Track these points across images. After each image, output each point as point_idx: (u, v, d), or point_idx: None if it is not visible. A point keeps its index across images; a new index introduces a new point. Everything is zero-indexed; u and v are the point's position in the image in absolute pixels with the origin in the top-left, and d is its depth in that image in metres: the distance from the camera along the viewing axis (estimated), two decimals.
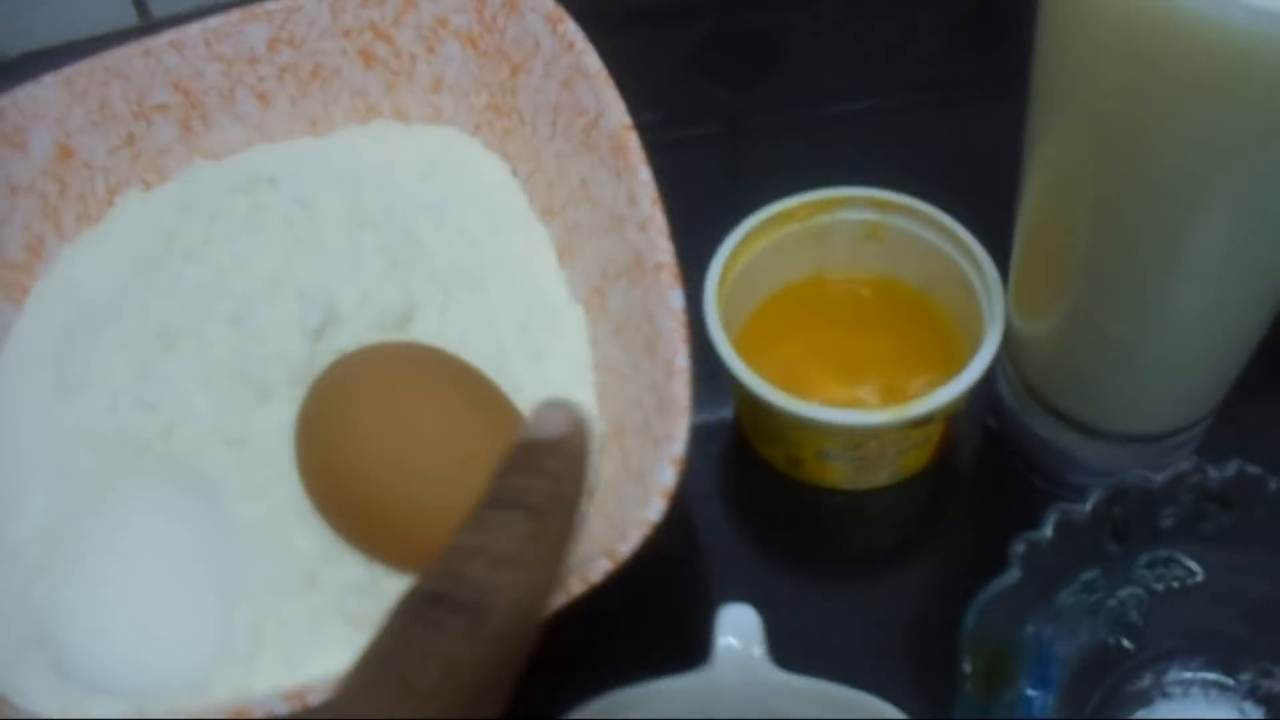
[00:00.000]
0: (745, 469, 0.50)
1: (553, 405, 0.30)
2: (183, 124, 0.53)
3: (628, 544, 0.35)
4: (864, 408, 0.45)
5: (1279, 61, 0.30)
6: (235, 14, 0.52)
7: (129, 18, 0.69)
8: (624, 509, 0.38)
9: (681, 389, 0.38)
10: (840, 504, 0.48)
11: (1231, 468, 0.40)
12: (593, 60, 0.46)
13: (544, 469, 0.29)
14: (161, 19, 0.69)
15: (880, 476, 0.47)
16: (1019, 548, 0.39)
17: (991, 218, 0.45)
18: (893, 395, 0.47)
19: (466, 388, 0.41)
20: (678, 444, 0.37)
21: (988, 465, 0.49)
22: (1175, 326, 0.39)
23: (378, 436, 0.39)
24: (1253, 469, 0.40)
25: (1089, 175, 0.37)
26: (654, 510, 0.36)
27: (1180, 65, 0.31)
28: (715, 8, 0.69)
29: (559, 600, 0.31)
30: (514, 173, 0.50)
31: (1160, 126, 0.33)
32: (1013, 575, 0.38)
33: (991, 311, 0.44)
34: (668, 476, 0.36)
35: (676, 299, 0.39)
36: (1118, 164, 0.35)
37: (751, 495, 0.50)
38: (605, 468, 0.42)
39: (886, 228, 0.49)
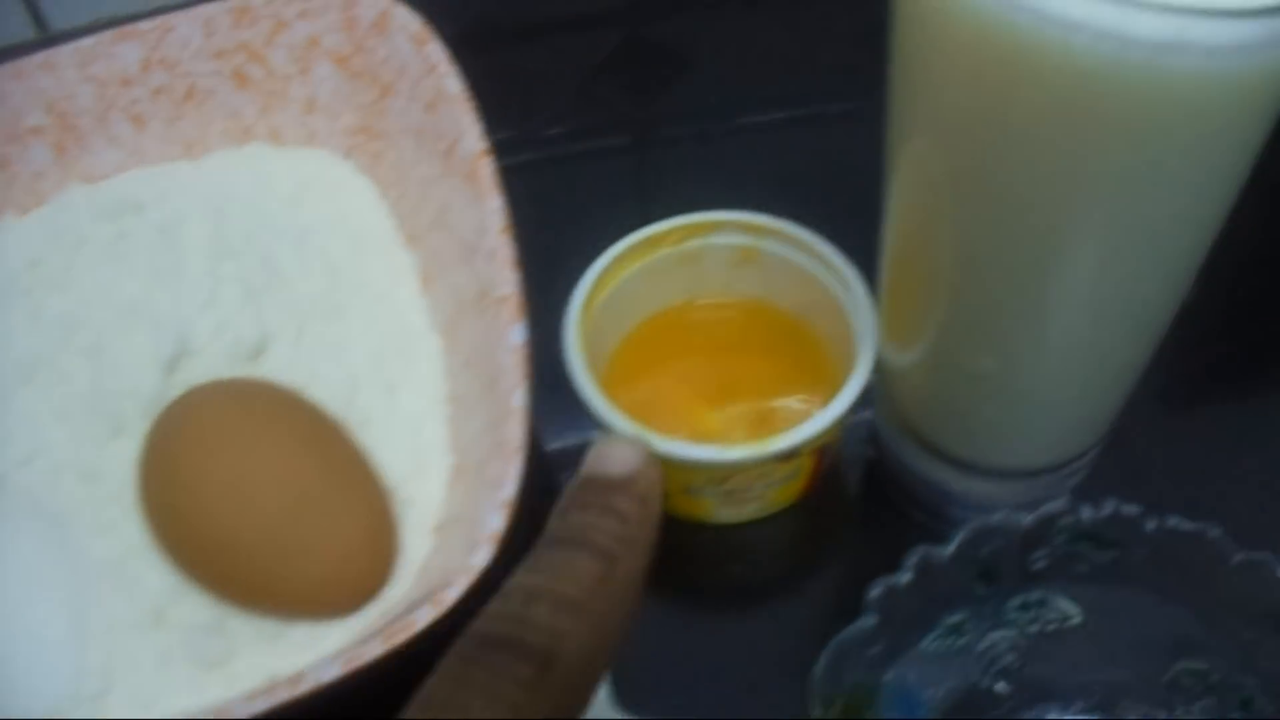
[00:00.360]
0: None
1: (619, 441, 0.29)
2: (57, 147, 0.50)
3: (453, 590, 0.33)
4: (737, 437, 0.43)
5: (1132, 88, 0.28)
6: (108, 34, 0.50)
7: (26, 32, 0.67)
8: (453, 553, 0.36)
9: (516, 430, 0.36)
10: (711, 537, 0.46)
11: (1107, 507, 0.37)
12: (454, 83, 0.44)
13: (612, 508, 0.27)
14: (58, 33, 0.67)
15: (749, 510, 0.45)
16: (875, 592, 0.36)
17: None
18: (768, 423, 0.45)
19: (304, 427, 0.40)
20: (509, 488, 0.35)
21: (866, 497, 0.47)
22: (1043, 363, 0.37)
23: (213, 478, 0.38)
24: (1129, 508, 0.37)
25: (944, 204, 0.34)
26: (481, 557, 0.34)
27: (1031, 93, 0.29)
28: (623, 18, 0.66)
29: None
30: (383, 197, 0.48)
31: (1014, 156, 0.31)
32: (867, 621, 0.36)
33: (863, 340, 0.42)
34: (497, 522, 0.35)
35: (517, 335, 0.37)
36: (972, 194, 0.33)
37: None
38: (452, 505, 0.39)
39: (761, 252, 0.47)
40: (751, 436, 0.41)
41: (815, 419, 0.40)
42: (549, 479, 0.46)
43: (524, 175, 0.46)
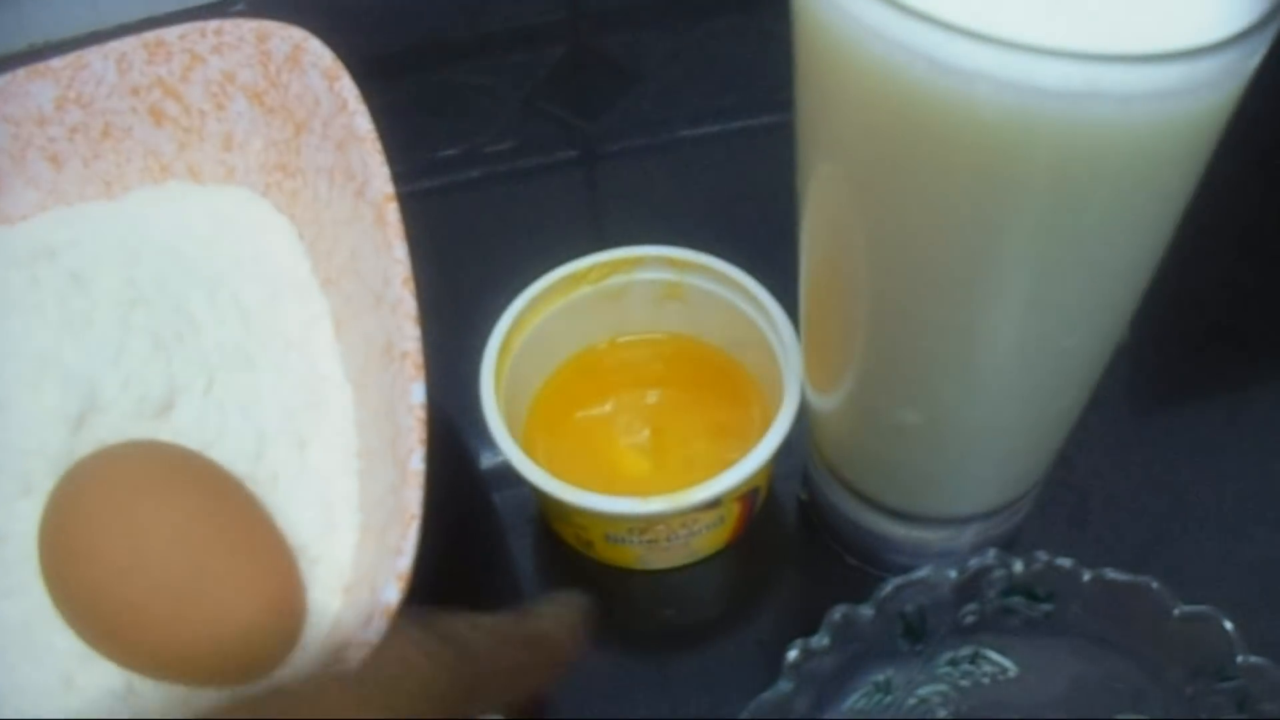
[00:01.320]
0: (546, 544, 0.45)
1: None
2: None
3: (346, 666, 0.31)
4: (664, 481, 0.39)
5: (1042, 140, 0.25)
6: (20, 73, 0.46)
7: None
8: (359, 618, 0.33)
9: (413, 496, 0.33)
10: (642, 582, 0.42)
11: (1039, 561, 0.34)
12: (363, 122, 0.41)
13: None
14: None
15: (675, 557, 0.42)
16: (791, 656, 0.33)
17: None
18: (695, 467, 0.41)
19: (207, 491, 0.37)
20: (405, 559, 0.32)
21: (800, 541, 0.43)
22: (968, 415, 0.33)
23: (110, 550, 0.35)
24: (1062, 561, 0.34)
25: (855, 252, 0.31)
26: (374, 631, 0.31)
27: (935, 147, 0.26)
28: (567, 32, 0.63)
29: None
30: (301, 236, 0.45)
31: (923, 210, 0.28)
32: (783, 687, 0.33)
33: (790, 381, 0.38)
34: (391, 594, 0.32)
35: (417, 394, 0.34)
36: (883, 244, 0.30)
37: (551, 571, 0.43)
38: (360, 566, 0.37)
39: (686, 287, 0.44)
40: (679, 481, 0.38)
41: (737, 467, 0.37)
42: (483, 498, 0.43)
43: (469, 192, 0.42)
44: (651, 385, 0.45)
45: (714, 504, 0.38)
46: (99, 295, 0.42)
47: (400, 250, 0.37)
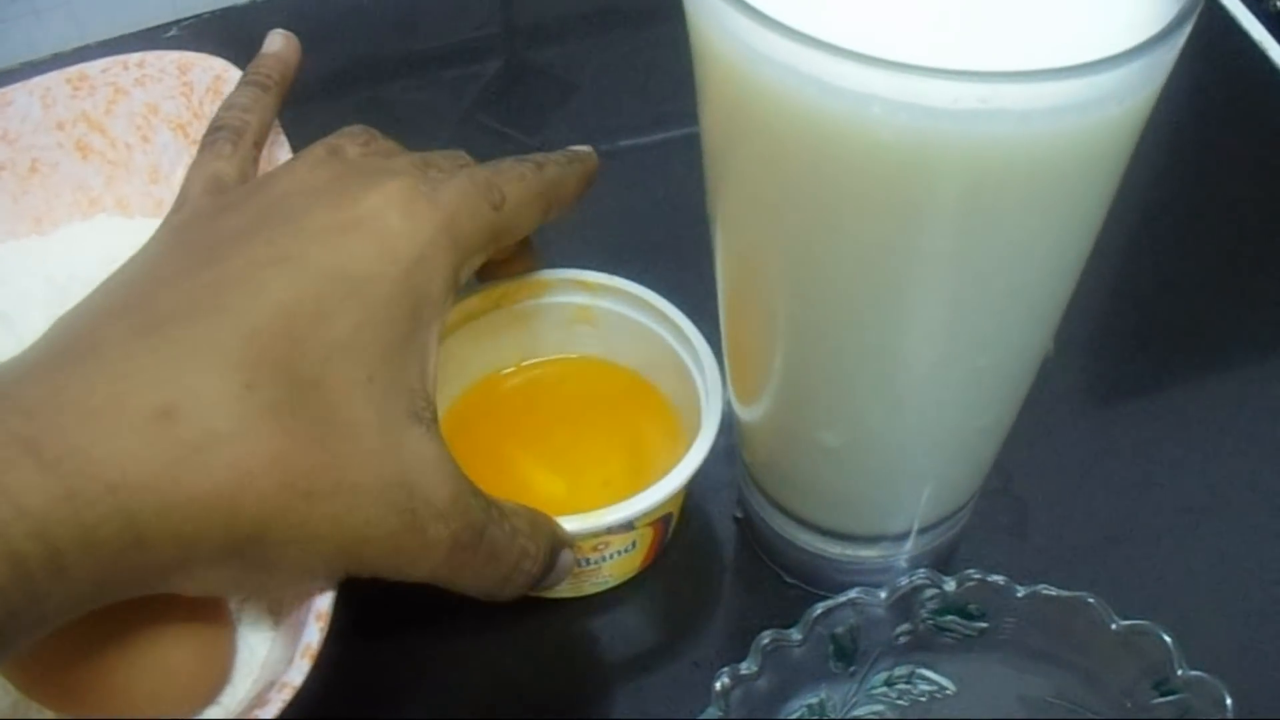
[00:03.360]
0: None
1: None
2: None
3: (269, 710, 0.30)
4: (580, 506, 0.37)
5: (939, 161, 0.24)
6: None
7: None
8: (270, 666, 0.33)
9: None
10: (575, 606, 0.40)
11: (971, 579, 0.33)
12: (284, 153, 0.40)
13: None
14: None
15: (583, 585, 0.40)
16: (720, 682, 0.32)
17: None
18: (615, 486, 0.39)
19: None
20: (325, 599, 0.31)
21: (738, 561, 0.41)
22: (890, 436, 0.32)
23: None
24: (995, 578, 0.33)
25: (765, 271, 0.30)
26: (297, 673, 0.30)
27: (833, 171, 0.25)
28: (502, 46, 0.61)
29: None
30: None
31: (827, 232, 0.27)
32: (712, 714, 0.31)
33: (710, 404, 0.37)
34: (312, 635, 0.31)
35: None
36: (790, 264, 0.29)
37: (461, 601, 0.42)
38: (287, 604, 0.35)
39: (597, 311, 0.42)
40: (595, 502, 0.36)
41: (654, 488, 0.36)
42: None
43: None
44: (564, 406, 0.43)
45: (628, 527, 0.37)
46: (25, 333, 0.41)
47: None
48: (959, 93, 0.22)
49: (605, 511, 0.35)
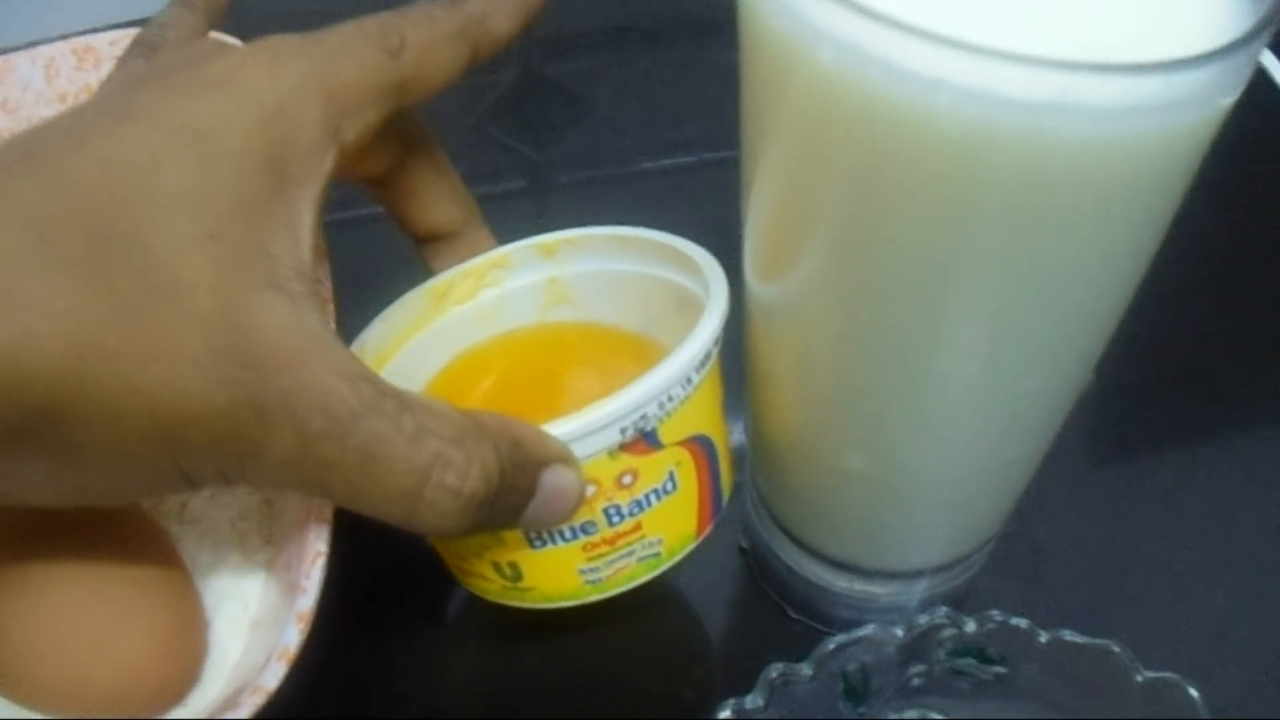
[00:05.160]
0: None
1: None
2: None
3: (239, 713, 0.28)
4: None
5: (1005, 159, 0.22)
6: None
7: None
8: (244, 669, 0.31)
9: (320, 531, 0.30)
10: (556, 639, 0.38)
11: (992, 620, 0.30)
12: None
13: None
14: None
15: (638, 556, 0.33)
16: (724, 715, 0.29)
17: None
18: None
19: (102, 516, 0.33)
20: (308, 598, 0.29)
21: (740, 592, 0.39)
22: (920, 463, 0.30)
23: None
24: (1019, 621, 0.31)
25: (801, 282, 0.28)
26: (271, 677, 0.28)
27: (888, 166, 0.23)
28: (518, 56, 0.59)
29: None
30: None
31: (872, 236, 0.25)
32: None
33: (714, 283, 0.33)
34: (291, 637, 0.29)
35: None
36: (830, 274, 0.27)
37: (468, 620, 0.40)
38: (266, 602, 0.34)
39: (568, 281, 0.37)
40: None
41: (666, 363, 0.30)
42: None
43: None
44: (554, 367, 0.38)
45: (651, 440, 0.31)
46: None
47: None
48: (1036, 82, 0.20)
49: (604, 402, 0.29)
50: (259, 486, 0.26)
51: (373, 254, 0.37)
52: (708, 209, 0.36)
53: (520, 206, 0.55)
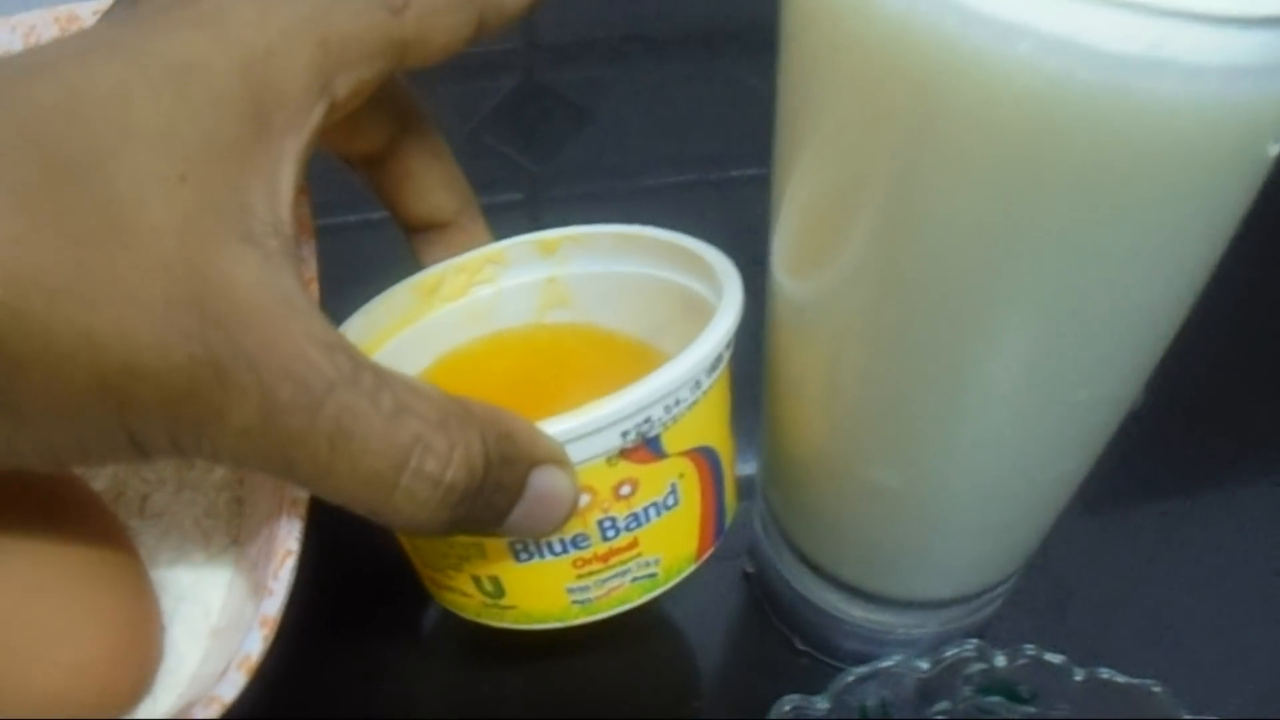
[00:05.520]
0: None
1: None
2: None
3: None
4: None
5: (1086, 119, 0.19)
6: None
7: None
8: (201, 680, 0.28)
9: (291, 528, 0.27)
10: (543, 665, 0.35)
11: (1025, 655, 0.28)
12: None
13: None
14: None
15: (632, 577, 0.30)
16: None
17: None
18: None
19: (47, 502, 0.30)
20: (274, 601, 0.26)
21: (742, 621, 0.36)
22: (956, 477, 0.27)
23: None
24: (1053, 657, 0.28)
25: (835, 267, 0.25)
26: (230, 687, 0.25)
27: (951, 123, 0.20)
28: (519, 63, 0.57)
29: None
30: None
31: (924, 210, 0.22)
32: None
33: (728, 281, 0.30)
34: (254, 644, 0.26)
35: None
36: (870, 256, 0.24)
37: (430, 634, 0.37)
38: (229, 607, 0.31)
39: (566, 281, 0.35)
40: None
41: (674, 363, 0.27)
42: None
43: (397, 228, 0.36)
44: (547, 373, 0.35)
45: (654, 448, 0.28)
46: None
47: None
48: (1129, 31, 0.18)
49: (605, 401, 0.26)
50: (216, 461, 0.23)
51: (359, 262, 0.34)
52: (714, 229, 0.34)
53: (515, 219, 0.52)
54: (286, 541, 0.26)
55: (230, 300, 0.22)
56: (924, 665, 0.28)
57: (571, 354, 0.35)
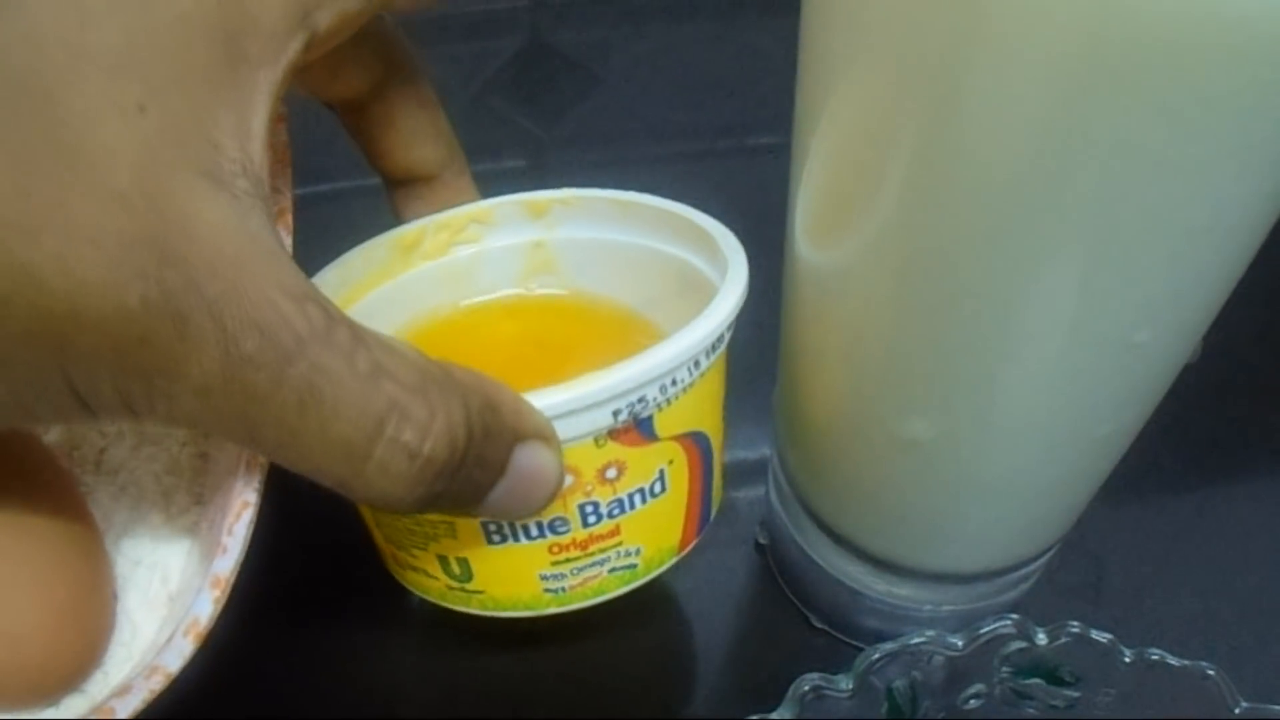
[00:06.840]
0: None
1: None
2: None
3: (131, 699, 0.22)
4: None
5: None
6: None
7: None
8: (157, 650, 0.24)
9: (251, 479, 0.24)
10: (544, 648, 0.32)
11: (1069, 633, 0.24)
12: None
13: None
14: None
15: (610, 566, 0.28)
16: None
17: None
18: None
19: None
20: (227, 559, 0.23)
21: (755, 596, 0.33)
22: (996, 430, 0.24)
23: None
24: (1100, 635, 0.24)
25: (868, 191, 0.22)
26: (175, 656, 0.22)
27: (1009, 17, 0.17)
28: (525, 23, 0.54)
29: None
30: None
31: (971, 118, 0.19)
32: None
33: (733, 257, 0.28)
34: (204, 607, 0.23)
35: None
36: (907, 175, 0.21)
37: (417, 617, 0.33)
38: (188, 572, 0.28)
39: (554, 247, 0.32)
40: None
41: (671, 341, 0.25)
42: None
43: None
44: (527, 345, 0.33)
45: (646, 430, 0.25)
46: None
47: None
48: None
49: (598, 375, 0.24)
50: (170, 423, 0.20)
51: (328, 234, 0.31)
52: (724, 200, 0.31)
53: (518, 186, 0.49)
54: (244, 493, 0.23)
55: (191, 240, 0.19)
56: (957, 642, 0.25)
57: (556, 323, 0.33)
